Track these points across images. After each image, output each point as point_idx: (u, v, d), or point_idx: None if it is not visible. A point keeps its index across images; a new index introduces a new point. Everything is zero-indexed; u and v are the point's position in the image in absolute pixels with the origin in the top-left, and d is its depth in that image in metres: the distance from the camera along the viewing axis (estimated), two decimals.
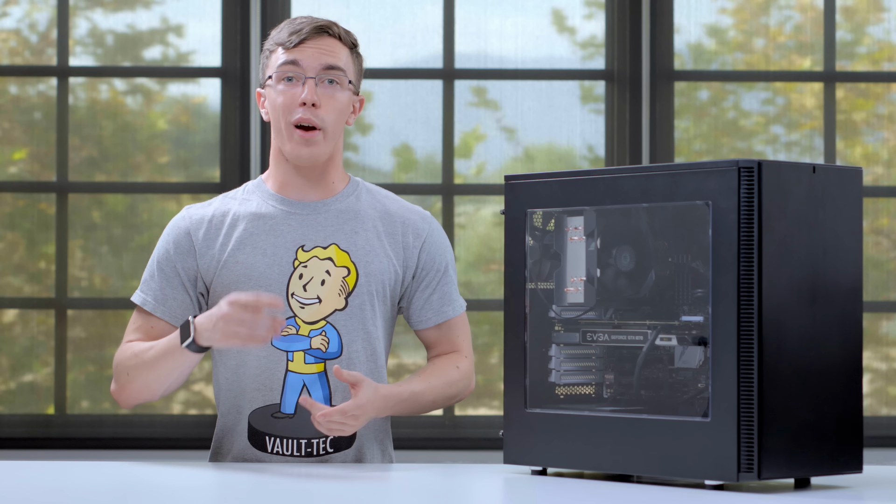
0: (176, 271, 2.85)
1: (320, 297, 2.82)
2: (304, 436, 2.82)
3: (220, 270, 2.83)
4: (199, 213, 2.89)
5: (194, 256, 2.85)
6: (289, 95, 2.83)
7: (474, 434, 4.94)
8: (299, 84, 2.83)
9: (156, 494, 2.36)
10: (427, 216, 2.96)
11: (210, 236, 2.86)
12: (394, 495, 2.44)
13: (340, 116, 2.86)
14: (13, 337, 4.98)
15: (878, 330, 5.05)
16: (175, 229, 2.89)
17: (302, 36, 2.83)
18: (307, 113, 2.82)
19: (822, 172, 2.39)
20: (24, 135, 5.00)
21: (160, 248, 2.89)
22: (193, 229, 2.87)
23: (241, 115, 4.91)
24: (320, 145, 2.84)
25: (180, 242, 2.87)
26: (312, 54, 2.83)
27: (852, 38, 5.09)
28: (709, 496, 2.29)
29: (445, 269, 2.94)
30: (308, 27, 2.84)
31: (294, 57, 2.83)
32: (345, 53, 2.87)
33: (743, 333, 2.30)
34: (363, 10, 5.02)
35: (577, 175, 2.53)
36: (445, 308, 2.93)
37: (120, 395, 2.84)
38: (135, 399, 2.83)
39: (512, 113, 5.03)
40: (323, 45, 2.85)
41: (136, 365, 2.79)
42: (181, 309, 2.85)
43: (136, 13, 5.02)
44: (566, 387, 2.61)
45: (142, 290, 2.88)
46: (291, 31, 2.85)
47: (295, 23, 2.87)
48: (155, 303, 2.85)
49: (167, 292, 2.85)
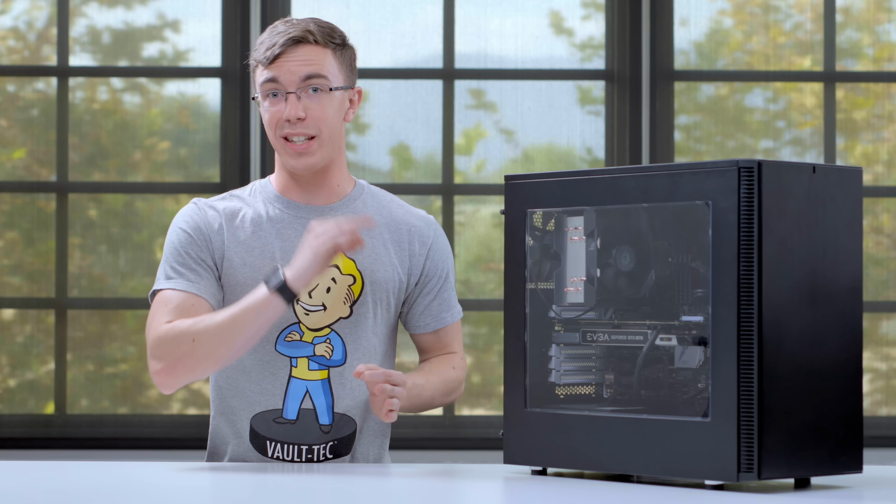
0: (200, 253, 2.79)
1: (325, 304, 2.82)
2: (305, 442, 2.82)
3: (228, 271, 2.80)
4: (210, 207, 2.85)
5: (210, 245, 2.81)
6: (274, 112, 2.80)
7: (474, 434, 4.94)
8: (282, 100, 2.80)
9: (156, 494, 2.36)
10: (431, 221, 2.95)
11: (221, 232, 2.82)
12: (394, 495, 2.44)
13: (334, 119, 2.83)
14: (12, 336, 4.97)
15: (878, 330, 5.05)
16: (191, 217, 2.83)
17: (275, 51, 2.78)
18: (293, 128, 2.79)
19: (822, 172, 2.39)
20: (22, 133, 5.00)
21: (179, 235, 2.81)
22: (209, 220, 2.82)
23: (241, 115, 4.91)
24: (315, 154, 2.82)
25: (200, 228, 2.81)
26: (290, 68, 2.79)
27: (852, 38, 5.09)
28: (709, 496, 2.29)
29: (447, 276, 2.94)
30: (282, 40, 2.79)
31: (272, 74, 2.79)
32: (326, 57, 2.81)
33: (743, 333, 2.30)
34: (363, 10, 5.02)
35: (577, 175, 2.53)
36: (444, 314, 2.94)
37: (172, 373, 2.70)
38: (188, 374, 2.69)
39: (511, 113, 5.03)
40: (300, 55, 2.80)
41: (206, 329, 2.68)
42: (213, 288, 2.78)
43: (134, 10, 5.02)
44: (566, 387, 2.61)
45: (167, 276, 2.78)
46: (267, 47, 2.80)
47: (272, 34, 2.82)
48: (187, 283, 2.76)
49: (198, 270, 2.78)
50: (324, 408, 2.81)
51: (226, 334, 2.67)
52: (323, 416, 2.81)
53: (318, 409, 2.81)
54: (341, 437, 2.83)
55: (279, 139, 2.82)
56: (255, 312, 2.65)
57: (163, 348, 2.71)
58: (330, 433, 2.82)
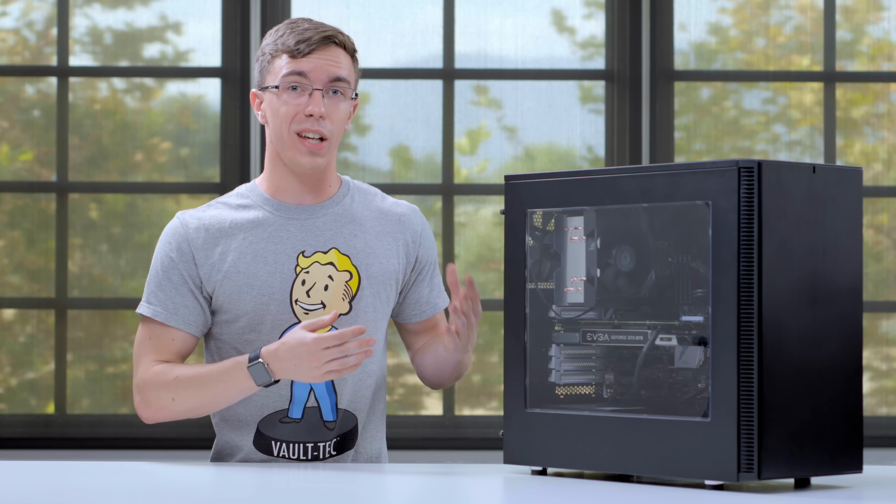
0: (183, 278, 2.79)
1: (324, 302, 2.82)
2: (310, 440, 2.82)
3: (223, 281, 2.79)
4: (194, 221, 2.83)
5: (195, 264, 2.81)
6: (293, 105, 2.78)
7: (474, 434, 4.94)
8: (305, 94, 2.78)
9: (156, 495, 2.36)
10: (416, 209, 2.96)
11: (208, 245, 2.81)
12: (393, 495, 2.44)
13: (342, 125, 2.83)
14: (13, 336, 4.98)
15: (878, 329, 5.05)
16: (174, 236, 2.82)
17: (311, 45, 2.77)
18: (315, 124, 2.78)
19: (822, 172, 2.39)
20: (23, 133, 5.00)
21: (162, 257, 2.82)
22: (192, 237, 2.81)
23: (241, 115, 4.91)
24: (324, 156, 2.81)
25: (182, 249, 2.81)
26: (320, 65, 2.78)
27: (852, 38, 5.09)
28: (709, 496, 2.29)
29: (435, 261, 2.97)
30: (316, 36, 2.78)
31: (302, 68, 2.77)
32: (348, 62, 2.82)
33: (743, 333, 2.30)
34: (363, 10, 5.02)
35: (577, 175, 2.53)
36: (437, 300, 2.96)
37: (155, 416, 2.78)
38: (166, 418, 2.79)
39: (512, 113, 5.03)
40: (329, 55, 2.79)
41: (185, 393, 2.74)
42: (193, 316, 2.80)
43: (135, 11, 5.02)
44: (566, 387, 2.61)
45: (149, 301, 2.80)
46: (299, 39, 2.78)
47: (298, 28, 2.80)
48: (167, 313, 2.79)
49: (177, 301, 2.79)
50: (328, 404, 2.82)
51: (207, 401, 2.74)
52: (327, 413, 2.82)
53: (322, 406, 2.82)
54: (345, 432, 2.84)
55: (292, 134, 2.80)
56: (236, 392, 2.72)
57: (146, 394, 2.78)
58: (334, 429, 2.83)
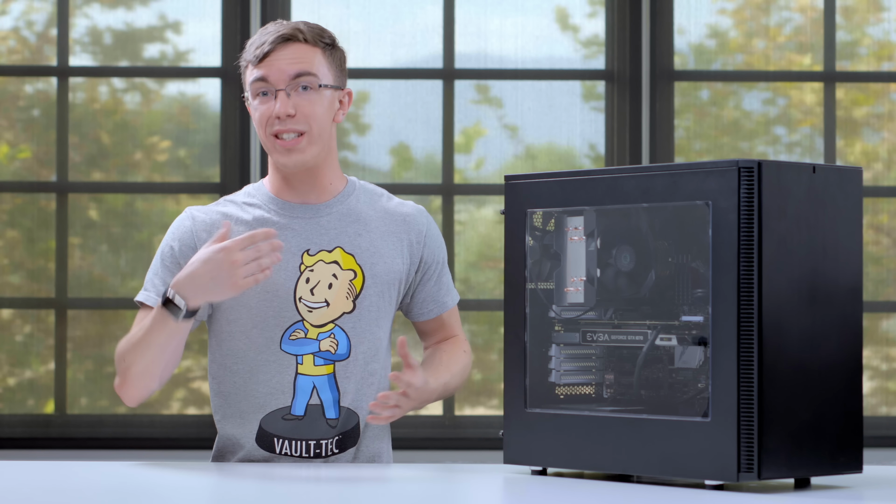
0: (179, 267, 2.82)
1: (328, 300, 2.83)
2: (312, 437, 2.83)
3: None
4: (202, 217, 2.87)
5: None
6: (263, 110, 2.83)
7: (474, 434, 4.94)
8: (271, 97, 2.83)
9: (156, 495, 2.36)
10: (422, 210, 2.98)
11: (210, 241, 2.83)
12: (393, 495, 2.44)
13: (324, 117, 2.84)
14: (12, 336, 4.98)
15: (878, 329, 5.05)
16: (179, 229, 2.87)
17: (265, 50, 2.82)
18: (282, 125, 2.82)
19: (822, 172, 2.39)
20: (22, 133, 5.00)
21: (164, 247, 2.87)
22: (197, 231, 2.85)
23: (241, 115, 4.91)
24: (305, 151, 2.84)
25: (185, 241, 2.85)
26: (279, 66, 2.81)
27: (852, 38, 5.09)
28: (709, 496, 2.29)
29: (443, 261, 2.99)
30: (271, 38, 2.82)
31: (262, 73, 2.82)
32: (316, 55, 2.84)
33: (743, 333, 2.30)
34: (363, 10, 5.02)
35: (577, 175, 2.53)
36: (445, 298, 2.98)
37: (122, 388, 2.80)
38: (136, 389, 2.78)
39: (512, 113, 5.03)
40: (287, 53, 2.82)
41: (131, 349, 2.76)
42: None
43: (135, 11, 5.02)
44: (566, 387, 2.61)
45: (146, 288, 2.85)
46: (256, 46, 2.84)
47: (262, 35, 2.85)
48: (158, 298, 2.81)
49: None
50: (330, 402, 2.83)
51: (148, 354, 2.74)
52: (330, 411, 2.83)
53: (324, 403, 2.83)
54: (347, 430, 2.85)
55: (269, 137, 2.84)
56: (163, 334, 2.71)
57: (116, 366, 2.82)
58: (337, 427, 2.84)
